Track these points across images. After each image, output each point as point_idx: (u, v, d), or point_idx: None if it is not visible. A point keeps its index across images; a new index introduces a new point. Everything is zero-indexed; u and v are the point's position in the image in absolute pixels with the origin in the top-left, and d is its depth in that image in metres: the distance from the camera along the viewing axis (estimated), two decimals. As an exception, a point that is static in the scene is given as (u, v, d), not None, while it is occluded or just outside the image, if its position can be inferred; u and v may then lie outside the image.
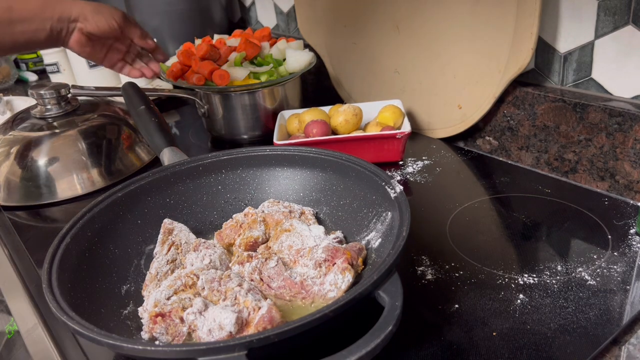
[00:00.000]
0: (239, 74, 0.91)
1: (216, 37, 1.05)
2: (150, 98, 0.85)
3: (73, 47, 0.80)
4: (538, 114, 0.79)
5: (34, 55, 1.49)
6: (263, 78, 0.91)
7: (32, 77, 1.51)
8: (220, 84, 0.90)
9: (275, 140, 0.85)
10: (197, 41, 1.04)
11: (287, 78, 0.93)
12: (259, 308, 0.50)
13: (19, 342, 0.59)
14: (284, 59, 0.96)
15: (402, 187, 0.57)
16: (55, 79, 1.33)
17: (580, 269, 0.58)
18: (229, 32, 1.44)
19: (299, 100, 1.03)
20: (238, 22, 1.47)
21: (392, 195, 0.57)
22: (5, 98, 1.27)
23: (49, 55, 1.30)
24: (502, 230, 0.67)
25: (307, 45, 1.15)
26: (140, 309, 0.54)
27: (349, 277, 0.54)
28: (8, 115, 1.20)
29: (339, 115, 0.87)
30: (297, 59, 0.93)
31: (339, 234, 0.62)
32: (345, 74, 1.08)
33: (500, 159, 0.86)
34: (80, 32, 0.78)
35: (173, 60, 0.99)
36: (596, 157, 0.73)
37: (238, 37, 1.02)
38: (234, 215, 0.67)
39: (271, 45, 0.99)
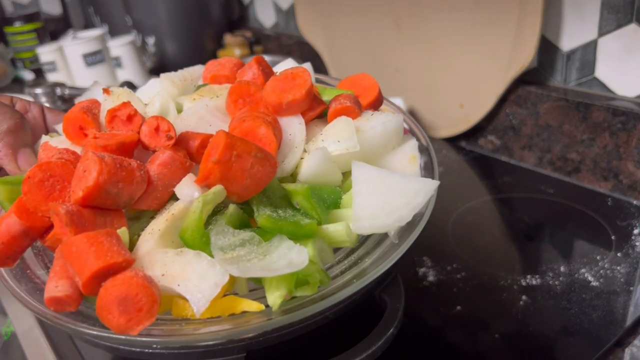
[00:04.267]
0: (194, 283, 0.28)
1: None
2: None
3: None
4: (541, 113, 0.78)
5: (30, 54, 1.48)
6: (274, 296, 0.30)
7: (28, 75, 1.50)
8: (123, 329, 0.27)
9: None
10: (107, 100, 0.40)
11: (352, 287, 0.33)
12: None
13: (16, 343, 0.58)
14: (345, 173, 0.35)
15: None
16: (51, 77, 1.32)
17: (583, 270, 0.58)
18: (229, 30, 1.43)
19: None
20: (237, 20, 1.47)
21: (394, 195, 0.56)
22: (4, 96, 1.26)
23: (46, 54, 1.29)
24: (504, 231, 0.67)
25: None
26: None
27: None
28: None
29: (339, 114, 0.86)
30: (386, 200, 0.32)
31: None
32: (346, 72, 1.07)
33: (503, 158, 0.85)
34: None
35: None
36: (599, 157, 0.73)
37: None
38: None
39: (310, 121, 0.36)
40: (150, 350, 0.42)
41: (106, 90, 0.39)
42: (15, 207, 0.30)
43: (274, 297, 0.28)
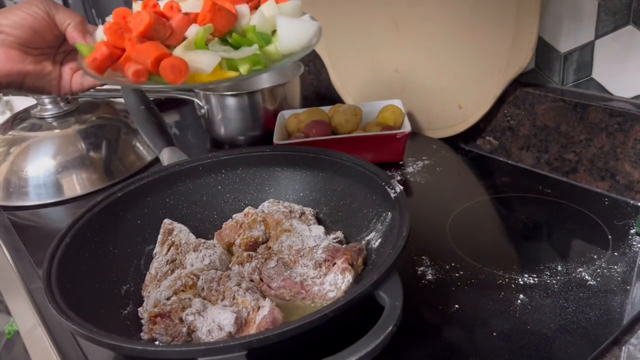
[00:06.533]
0: (205, 62, 0.52)
1: None
2: (150, 98, 0.85)
3: (10, 72, 0.56)
4: (538, 114, 0.79)
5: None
6: (243, 68, 0.53)
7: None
8: (173, 81, 0.51)
9: (275, 141, 0.84)
10: (136, 5, 0.59)
11: (280, 64, 0.55)
12: (259, 308, 0.50)
13: (19, 342, 0.58)
14: (274, 32, 0.57)
15: (402, 187, 0.57)
16: (55, 78, 1.33)
17: (580, 269, 0.58)
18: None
19: (299, 100, 1.03)
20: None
21: (392, 195, 0.57)
22: (5, 98, 1.27)
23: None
24: (502, 231, 0.67)
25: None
26: (140, 309, 0.54)
27: (348, 278, 0.53)
28: (8, 115, 1.19)
29: (339, 115, 0.87)
30: (294, 33, 0.56)
31: (339, 234, 0.62)
32: (345, 73, 1.08)
33: (501, 159, 0.86)
34: (4, 46, 0.56)
35: (100, 35, 0.58)
36: (597, 157, 0.73)
37: None
38: (233, 216, 0.66)
39: (252, 9, 0.58)
40: (153, 349, 0.43)
41: None
42: (104, 42, 0.52)
43: (244, 68, 0.51)
